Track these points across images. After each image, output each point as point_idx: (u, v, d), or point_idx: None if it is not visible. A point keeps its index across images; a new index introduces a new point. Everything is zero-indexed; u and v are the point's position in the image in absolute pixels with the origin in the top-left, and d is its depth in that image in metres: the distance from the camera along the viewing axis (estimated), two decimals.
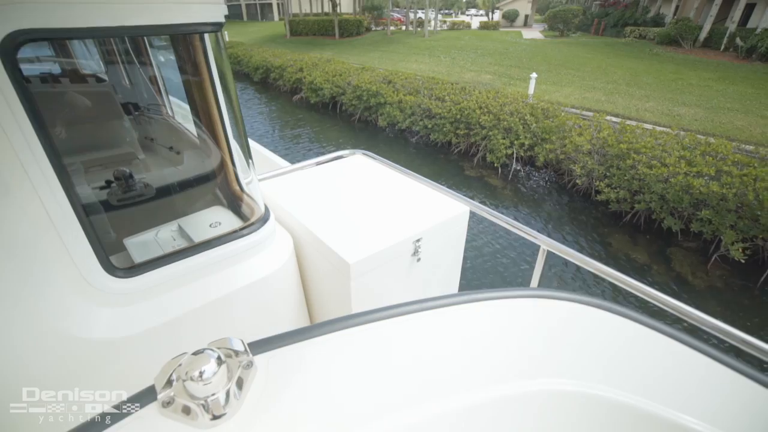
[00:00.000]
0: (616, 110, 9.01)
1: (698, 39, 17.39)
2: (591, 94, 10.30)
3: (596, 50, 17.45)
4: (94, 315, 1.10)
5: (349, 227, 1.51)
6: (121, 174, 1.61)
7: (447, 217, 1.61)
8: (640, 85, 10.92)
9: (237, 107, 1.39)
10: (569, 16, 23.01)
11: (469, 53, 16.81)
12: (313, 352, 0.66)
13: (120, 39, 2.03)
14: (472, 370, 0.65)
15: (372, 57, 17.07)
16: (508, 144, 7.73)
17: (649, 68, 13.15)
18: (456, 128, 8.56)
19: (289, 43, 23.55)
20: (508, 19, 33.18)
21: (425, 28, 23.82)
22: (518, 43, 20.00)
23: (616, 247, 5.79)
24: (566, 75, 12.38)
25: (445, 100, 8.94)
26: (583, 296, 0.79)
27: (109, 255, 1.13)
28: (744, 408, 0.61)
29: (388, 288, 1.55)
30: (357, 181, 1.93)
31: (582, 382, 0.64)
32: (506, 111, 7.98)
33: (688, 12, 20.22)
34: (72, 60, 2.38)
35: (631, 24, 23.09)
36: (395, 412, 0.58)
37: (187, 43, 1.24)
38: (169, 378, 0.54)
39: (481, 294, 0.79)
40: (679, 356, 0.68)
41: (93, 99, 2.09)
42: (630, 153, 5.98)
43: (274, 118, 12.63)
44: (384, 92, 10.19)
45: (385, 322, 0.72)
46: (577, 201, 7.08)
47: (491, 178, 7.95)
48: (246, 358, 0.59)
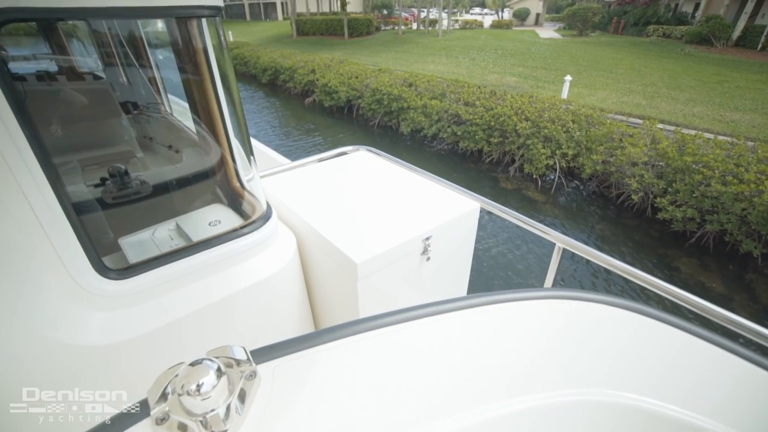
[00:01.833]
0: (661, 116, 8.51)
1: (730, 38, 16.88)
2: (629, 98, 9.81)
3: (623, 50, 16.96)
4: (85, 319, 1.07)
5: (355, 225, 1.47)
6: (116, 171, 1.54)
7: (457, 214, 1.57)
8: (681, 88, 10.41)
9: (237, 100, 1.34)
10: (589, 14, 22.57)
11: (489, 54, 16.38)
12: (322, 359, 0.62)
13: (116, 33, 1.98)
14: (498, 379, 0.62)
15: (385, 58, 16.66)
16: (548, 154, 7.25)
17: (687, 69, 12.63)
18: (489, 136, 8.09)
19: (296, 44, 23.25)
20: (518, 18, 33.00)
21: (438, 28, 23.42)
22: (538, 42, 19.56)
23: (685, 272, 5.28)
24: (598, 77, 11.90)
25: (475, 105, 8.48)
26: (610, 297, 0.76)
27: (104, 255, 1.11)
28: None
29: (397, 288, 1.51)
30: (362, 178, 1.89)
31: (622, 393, 0.59)
32: (546, 118, 7.50)
33: (715, 9, 19.73)
34: (69, 57, 2.36)
35: (654, 22, 22.64)
36: (415, 428, 0.54)
37: (184, 30, 1.19)
38: (164, 391, 0.49)
39: (500, 295, 0.75)
40: (724, 365, 0.64)
41: (90, 96, 2.07)
42: (697, 167, 5.48)
43: (286, 125, 12.21)
44: (406, 96, 9.75)
45: (400, 326, 0.68)
46: (628, 218, 6.58)
47: (530, 191, 7.46)
48: (249, 368, 0.55)
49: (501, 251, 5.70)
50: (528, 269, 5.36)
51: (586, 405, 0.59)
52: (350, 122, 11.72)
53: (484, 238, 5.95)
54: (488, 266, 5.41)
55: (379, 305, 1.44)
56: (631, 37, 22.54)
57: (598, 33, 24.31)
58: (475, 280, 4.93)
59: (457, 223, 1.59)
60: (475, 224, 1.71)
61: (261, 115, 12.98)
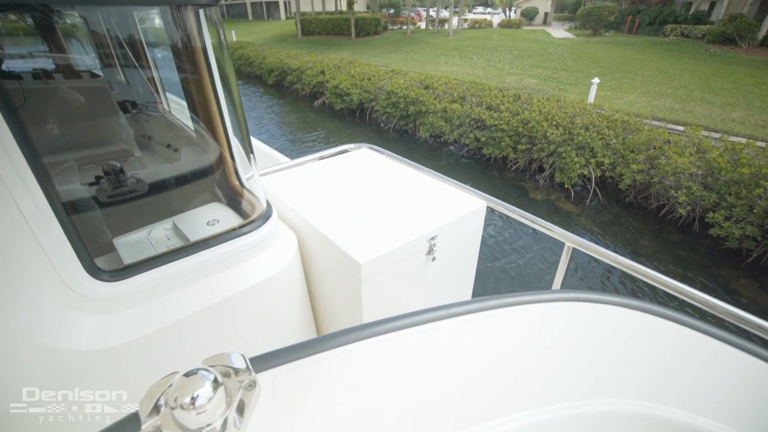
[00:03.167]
0: (697, 121, 8.15)
1: (755, 37, 16.51)
2: (660, 102, 9.44)
3: (644, 50, 16.60)
4: (75, 323, 1.03)
5: (358, 225, 1.45)
6: (110, 169, 1.52)
7: (463, 213, 1.55)
8: (715, 91, 10.04)
9: (237, 97, 1.32)
10: (604, 13, 22.24)
11: (504, 54, 16.05)
12: (327, 367, 0.58)
13: (113, 29, 1.98)
14: (518, 387, 0.59)
15: (395, 58, 16.36)
16: (583, 162, 6.89)
17: (717, 71, 12.25)
18: (516, 143, 7.73)
19: (302, 43, 23.00)
20: (526, 17, 32.73)
21: (449, 27, 23.12)
22: (553, 42, 19.22)
23: (746, 295, 4.90)
24: (624, 79, 11.54)
25: (500, 109, 8.14)
26: (630, 299, 0.72)
27: (98, 256, 1.10)
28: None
29: (401, 290, 1.49)
30: (364, 176, 1.88)
31: (657, 404, 0.57)
32: (578, 124, 7.15)
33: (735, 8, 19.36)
34: (65, 55, 2.36)
35: (671, 21, 22.29)
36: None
37: (181, 23, 1.16)
38: (157, 403, 0.46)
39: (514, 297, 0.71)
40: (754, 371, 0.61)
41: (87, 94, 2.06)
42: (757, 180, 5.11)
43: (294, 129, 11.90)
44: (424, 99, 9.42)
45: (410, 330, 0.64)
46: (671, 232, 6.21)
47: (562, 202, 7.10)
48: (248, 377, 0.51)
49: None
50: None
51: (618, 416, 0.56)
52: (363, 126, 11.39)
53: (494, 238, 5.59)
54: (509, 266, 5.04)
55: (383, 307, 1.42)
56: (647, 36, 22.19)
57: (612, 32, 23.97)
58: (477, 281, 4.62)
59: (463, 222, 1.56)
60: (481, 223, 1.69)
61: (268, 117, 12.68)
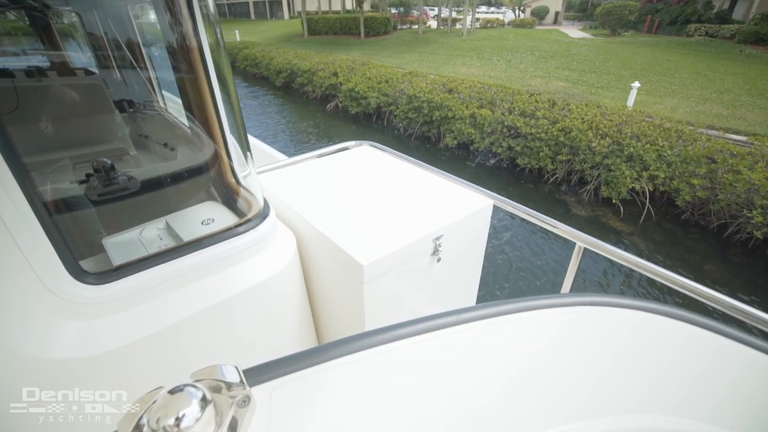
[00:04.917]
0: (752, 128, 7.62)
1: None
2: (705, 107, 8.92)
3: (672, 51, 16.09)
4: (58, 329, 0.99)
5: (359, 224, 1.42)
6: (100, 166, 1.48)
7: (469, 212, 1.53)
8: (766, 95, 9.52)
9: (233, 92, 1.28)
10: (625, 12, 21.78)
11: (525, 55, 15.57)
12: (328, 379, 0.54)
13: (108, 26, 1.99)
14: (539, 402, 0.55)
15: (409, 59, 15.90)
16: (634, 176, 6.37)
17: (762, 73, 11.73)
18: (556, 153, 7.23)
19: (309, 43, 22.61)
20: (537, 16, 32.37)
21: (463, 27, 22.69)
22: (574, 43, 18.75)
23: None
24: (660, 83, 11.02)
25: (536, 116, 7.64)
26: (655, 304, 0.68)
27: (86, 258, 1.06)
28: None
29: (405, 292, 1.46)
30: (366, 174, 1.85)
31: (701, 424, 0.54)
32: (627, 133, 6.64)
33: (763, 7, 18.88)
34: (60, 52, 2.36)
35: (694, 21, 21.81)
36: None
37: (175, 14, 1.13)
38: (138, 423, 0.42)
39: (529, 302, 0.67)
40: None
41: (82, 92, 2.06)
42: None
43: (316, 134, 11.43)
44: (450, 104, 8.94)
45: (419, 338, 0.59)
46: (738, 254, 5.69)
47: (610, 219, 6.57)
48: (241, 392, 0.48)
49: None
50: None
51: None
52: (381, 131, 10.92)
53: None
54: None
55: (386, 310, 1.40)
56: (669, 36, 21.71)
57: (632, 32, 23.50)
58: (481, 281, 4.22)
59: (469, 222, 1.55)
60: (487, 222, 1.68)
61: (277, 122, 12.23)
